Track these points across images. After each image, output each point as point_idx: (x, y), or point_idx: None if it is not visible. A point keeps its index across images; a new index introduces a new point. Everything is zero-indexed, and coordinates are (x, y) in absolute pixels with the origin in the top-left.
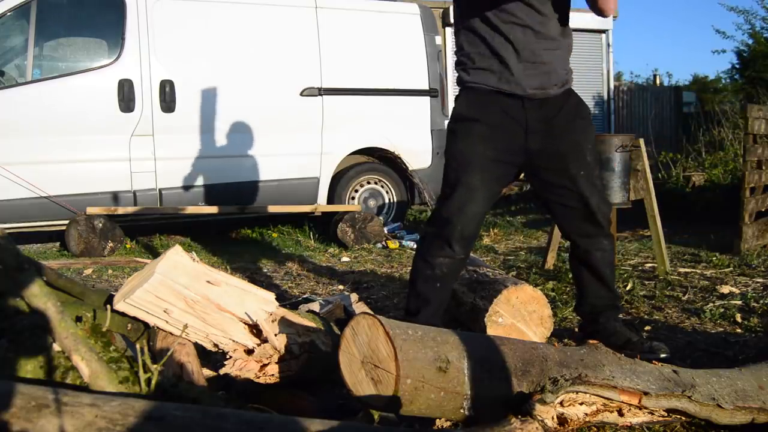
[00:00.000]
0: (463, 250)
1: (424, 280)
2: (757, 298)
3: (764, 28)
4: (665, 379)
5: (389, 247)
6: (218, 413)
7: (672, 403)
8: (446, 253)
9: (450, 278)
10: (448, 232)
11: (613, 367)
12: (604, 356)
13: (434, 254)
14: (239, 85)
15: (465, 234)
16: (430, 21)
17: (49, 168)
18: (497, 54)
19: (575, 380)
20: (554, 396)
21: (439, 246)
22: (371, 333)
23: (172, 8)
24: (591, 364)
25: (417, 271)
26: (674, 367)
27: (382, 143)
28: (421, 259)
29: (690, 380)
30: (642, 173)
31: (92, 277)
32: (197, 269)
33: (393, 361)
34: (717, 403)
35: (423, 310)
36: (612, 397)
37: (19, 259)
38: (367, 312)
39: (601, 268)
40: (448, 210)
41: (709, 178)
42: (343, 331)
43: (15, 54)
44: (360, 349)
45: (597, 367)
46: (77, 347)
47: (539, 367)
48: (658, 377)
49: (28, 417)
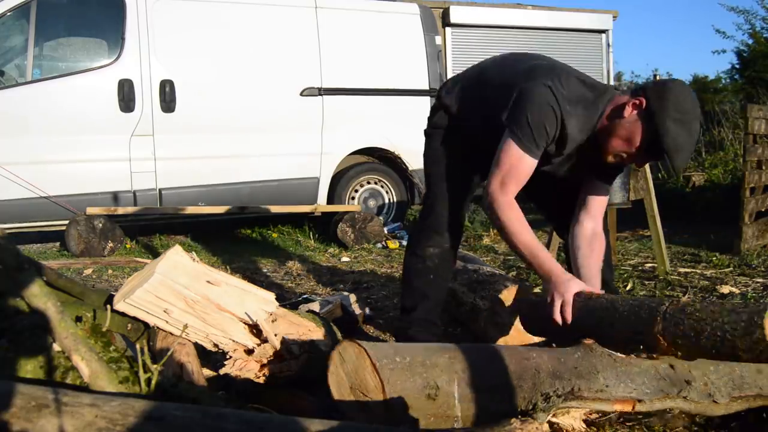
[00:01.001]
0: (450, 238)
1: (416, 275)
2: (757, 298)
3: (764, 28)
4: (661, 377)
5: (389, 247)
6: (218, 413)
7: (666, 405)
8: (434, 242)
9: (442, 270)
10: (432, 221)
11: (607, 372)
12: (599, 360)
13: (423, 245)
14: (239, 85)
15: (451, 221)
16: (430, 21)
17: (49, 168)
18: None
19: (567, 395)
20: (546, 414)
21: (427, 236)
22: (358, 362)
23: (172, 8)
24: (585, 371)
25: (408, 266)
26: (671, 360)
27: (382, 143)
28: (411, 254)
29: (686, 375)
30: (642, 173)
31: (92, 277)
32: (197, 269)
33: (381, 393)
34: (712, 399)
35: (419, 305)
36: (605, 409)
37: (19, 259)
38: (353, 340)
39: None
40: (431, 201)
41: (709, 178)
42: (330, 354)
43: (15, 54)
44: (348, 376)
45: (591, 375)
46: (77, 347)
47: (531, 380)
48: (653, 377)
49: (28, 417)
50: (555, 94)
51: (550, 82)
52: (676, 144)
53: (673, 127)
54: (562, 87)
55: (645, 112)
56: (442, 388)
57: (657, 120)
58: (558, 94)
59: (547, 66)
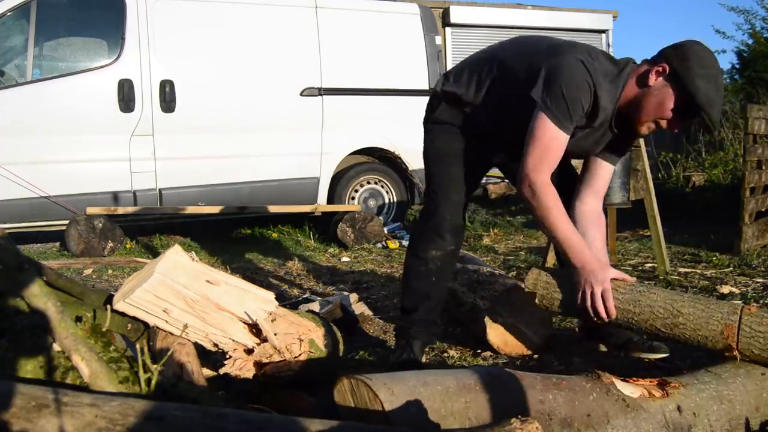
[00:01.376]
0: (453, 240)
1: (417, 276)
2: (757, 298)
3: (764, 28)
4: (665, 424)
5: (389, 247)
6: (218, 413)
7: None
8: (437, 245)
9: (444, 272)
10: (435, 223)
11: (617, 420)
12: (612, 405)
13: (425, 248)
14: (239, 85)
15: (453, 223)
16: (430, 21)
17: (49, 168)
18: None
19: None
20: None
21: (429, 239)
22: (370, 402)
23: (172, 8)
24: (595, 420)
25: (410, 268)
26: (679, 399)
27: (382, 143)
28: (412, 256)
29: (690, 420)
30: (642, 173)
31: (92, 277)
32: (197, 269)
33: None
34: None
35: (420, 306)
36: None
37: (19, 259)
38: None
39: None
40: (433, 202)
41: (709, 178)
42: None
43: (15, 54)
44: (357, 405)
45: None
46: (77, 347)
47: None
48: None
49: (28, 417)
50: (587, 67)
51: (581, 56)
52: (709, 99)
53: (702, 84)
54: (593, 60)
55: (671, 76)
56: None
57: (686, 81)
58: (590, 68)
59: (569, 42)
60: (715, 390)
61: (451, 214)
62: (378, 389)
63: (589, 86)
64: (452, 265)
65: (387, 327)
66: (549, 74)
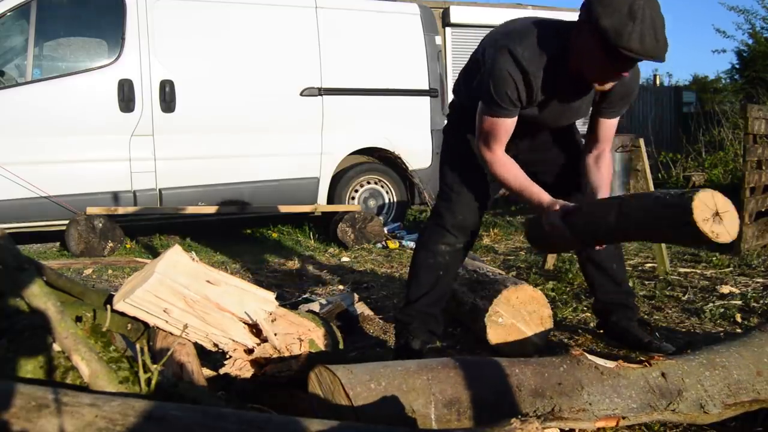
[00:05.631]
0: (463, 238)
1: (425, 269)
2: (757, 298)
3: (764, 28)
4: (650, 389)
5: (389, 247)
6: (218, 413)
7: (654, 418)
8: (447, 240)
9: (451, 268)
10: (447, 220)
11: (593, 387)
12: (585, 373)
13: (435, 242)
14: (239, 85)
15: (465, 223)
16: (430, 21)
17: (49, 168)
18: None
19: (547, 416)
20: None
21: (440, 234)
22: (333, 387)
23: (172, 8)
24: (568, 388)
25: (418, 260)
26: (663, 367)
27: (382, 143)
28: (422, 249)
29: (678, 384)
30: (642, 173)
31: (92, 277)
32: (197, 269)
33: (355, 420)
34: (703, 410)
35: (423, 298)
36: (587, 428)
37: (19, 259)
38: (327, 367)
39: (606, 262)
40: (446, 200)
41: (709, 178)
42: (309, 373)
43: (15, 54)
44: (326, 396)
45: (574, 392)
46: (77, 347)
47: (511, 399)
48: (642, 389)
49: (28, 417)
50: (515, 56)
51: (513, 45)
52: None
53: (608, 22)
54: (526, 46)
55: (585, 29)
56: (419, 411)
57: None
58: (519, 56)
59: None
60: (705, 358)
61: (462, 212)
62: (336, 370)
63: (510, 76)
64: (459, 263)
65: (387, 327)
66: (486, 69)
